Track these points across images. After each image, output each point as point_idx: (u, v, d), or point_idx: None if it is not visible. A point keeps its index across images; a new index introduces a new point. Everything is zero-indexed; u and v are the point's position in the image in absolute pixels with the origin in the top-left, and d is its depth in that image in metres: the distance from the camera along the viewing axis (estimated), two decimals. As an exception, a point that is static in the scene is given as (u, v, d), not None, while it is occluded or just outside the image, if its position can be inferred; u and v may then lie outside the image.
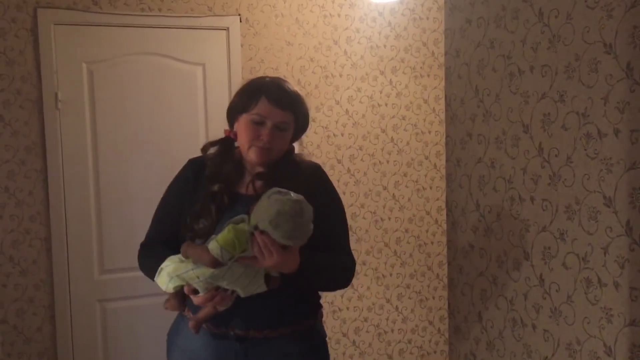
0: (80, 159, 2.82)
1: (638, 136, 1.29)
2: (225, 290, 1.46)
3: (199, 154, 3.04)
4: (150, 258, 1.65)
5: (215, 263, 1.39)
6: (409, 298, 3.37)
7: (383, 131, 3.27)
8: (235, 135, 1.67)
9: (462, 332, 2.10)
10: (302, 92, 3.06)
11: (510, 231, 1.78)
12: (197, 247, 1.46)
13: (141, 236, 2.89)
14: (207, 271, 1.42)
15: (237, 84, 3.02)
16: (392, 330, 3.36)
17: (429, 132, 3.34)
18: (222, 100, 3.03)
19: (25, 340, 2.75)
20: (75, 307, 2.83)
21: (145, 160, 2.92)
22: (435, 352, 3.42)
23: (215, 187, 1.61)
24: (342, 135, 3.21)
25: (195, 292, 1.48)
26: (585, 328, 1.49)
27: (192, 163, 1.74)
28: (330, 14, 3.16)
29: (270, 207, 1.39)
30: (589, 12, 1.43)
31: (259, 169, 1.64)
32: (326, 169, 2.03)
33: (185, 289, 1.49)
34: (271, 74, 3.06)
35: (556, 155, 1.57)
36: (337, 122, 3.19)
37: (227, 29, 3.01)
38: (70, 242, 2.81)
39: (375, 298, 3.30)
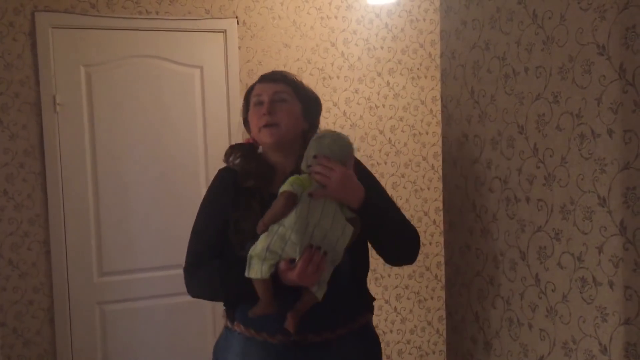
0: (78, 161, 2.83)
1: (631, 136, 1.30)
2: (319, 248, 1.44)
3: (196, 156, 3.06)
4: (208, 273, 1.56)
5: (291, 196, 1.42)
6: (408, 299, 3.38)
7: (381, 132, 3.28)
8: (255, 139, 1.67)
9: (460, 332, 2.11)
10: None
11: (506, 231, 1.80)
12: (269, 209, 1.46)
13: (140, 238, 2.91)
14: (292, 218, 1.41)
15: (235, 86, 3.03)
16: (391, 331, 3.37)
17: (427, 133, 3.35)
18: (219, 103, 3.04)
19: (24, 343, 2.76)
20: (75, 309, 2.84)
21: (143, 162, 2.93)
22: (434, 352, 3.43)
23: (250, 183, 1.58)
24: (340, 136, 3.21)
25: (292, 264, 1.44)
26: (580, 327, 1.50)
27: (226, 171, 1.68)
28: (327, 16, 3.17)
29: (311, 145, 1.50)
30: (582, 13, 1.44)
31: (290, 168, 1.60)
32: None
33: (282, 265, 1.44)
34: (268, 76, 3.08)
35: (551, 156, 1.58)
36: (334, 123, 3.20)
37: (224, 32, 3.03)
38: (69, 244, 2.82)
39: (373, 299, 3.31)
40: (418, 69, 3.32)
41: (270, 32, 3.09)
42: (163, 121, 2.96)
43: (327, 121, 3.17)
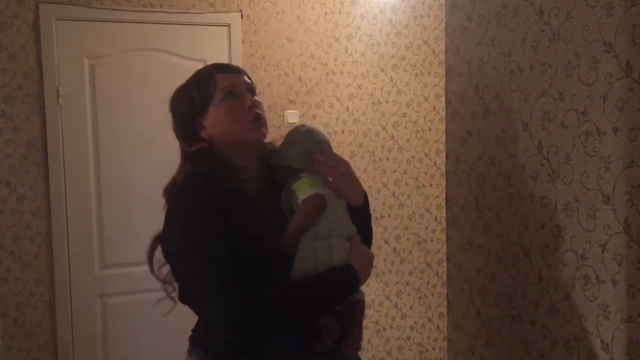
0: (81, 154, 2.83)
1: (637, 134, 1.30)
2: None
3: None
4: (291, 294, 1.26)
5: (322, 198, 1.29)
6: (408, 295, 3.38)
7: (383, 128, 3.28)
8: (210, 139, 1.49)
9: (461, 328, 2.11)
10: (303, 89, 3.07)
11: (509, 228, 1.79)
12: (295, 219, 1.30)
13: (142, 231, 2.89)
14: (326, 224, 1.30)
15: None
16: (391, 327, 3.37)
17: (429, 129, 3.35)
18: (223, 97, 3.04)
19: (25, 335, 2.77)
20: (76, 301, 2.84)
21: (146, 155, 2.93)
22: (434, 348, 3.43)
23: (244, 175, 1.37)
24: (343, 132, 3.21)
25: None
26: (583, 325, 1.50)
27: (206, 178, 1.37)
28: (331, 11, 3.16)
29: (297, 140, 1.44)
30: (589, 10, 1.43)
31: (255, 171, 1.43)
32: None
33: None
34: (272, 70, 3.07)
35: (555, 153, 1.57)
36: (337, 119, 3.20)
37: (228, 26, 3.02)
38: (71, 237, 2.82)
39: (374, 295, 3.31)
40: (422, 65, 3.31)
41: (274, 26, 3.08)
42: (166, 114, 2.94)
43: (330, 116, 3.17)
